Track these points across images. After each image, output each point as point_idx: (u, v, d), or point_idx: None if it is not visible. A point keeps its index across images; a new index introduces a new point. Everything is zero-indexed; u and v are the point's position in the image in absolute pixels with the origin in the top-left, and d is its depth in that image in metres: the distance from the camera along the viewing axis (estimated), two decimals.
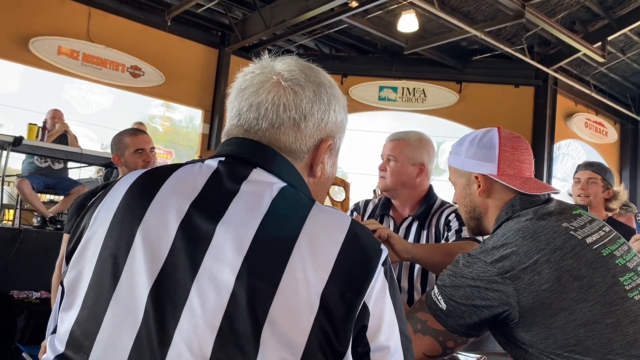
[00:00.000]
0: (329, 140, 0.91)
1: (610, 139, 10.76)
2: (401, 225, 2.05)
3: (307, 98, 0.87)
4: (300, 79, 0.88)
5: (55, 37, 7.09)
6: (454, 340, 1.21)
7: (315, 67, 0.93)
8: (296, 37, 8.82)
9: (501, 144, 1.34)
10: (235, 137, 0.88)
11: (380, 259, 0.78)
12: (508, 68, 8.98)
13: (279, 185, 0.82)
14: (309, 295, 0.71)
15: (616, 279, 1.15)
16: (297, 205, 0.80)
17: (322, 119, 0.89)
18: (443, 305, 1.20)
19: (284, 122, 0.86)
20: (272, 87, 0.86)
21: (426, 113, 9.35)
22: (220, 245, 0.74)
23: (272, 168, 0.84)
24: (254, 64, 0.91)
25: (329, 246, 0.75)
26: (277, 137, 0.86)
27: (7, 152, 4.53)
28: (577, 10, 7.69)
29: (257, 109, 0.86)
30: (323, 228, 0.77)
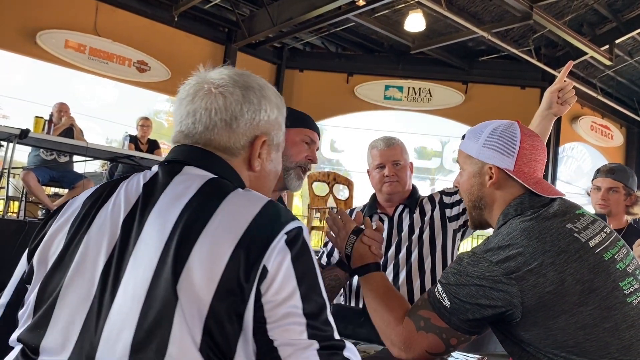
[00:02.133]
0: (263, 137, 1.01)
1: (616, 142, 10.73)
2: (394, 214, 2.17)
3: (236, 101, 0.98)
4: (228, 84, 0.99)
5: (62, 30, 7.12)
6: (457, 338, 1.21)
7: (246, 72, 1.03)
8: (303, 35, 8.82)
9: (522, 140, 1.32)
10: (176, 145, 1.01)
11: (285, 227, 0.87)
12: (514, 69, 8.96)
13: (209, 177, 0.94)
14: (218, 260, 0.81)
15: (616, 283, 1.16)
16: (221, 190, 0.91)
17: (253, 118, 0.99)
18: (447, 303, 1.20)
19: (217, 124, 0.97)
20: (205, 94, 0.98)
21: (432, 113, 9.34)
22: (149, 230, 0.87)
23: (204, 165, 0.96)
24: (192, 76, 1.03)
25: (242, 217, 0.86)
26: (212, 138, 0.98)
27: (14, 144, 4.55)
28: (585, 13, 7.66)
29: (193, 115, 0.98)
30: (239, 204, 0.89)
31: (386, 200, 2.19)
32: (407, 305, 1.32)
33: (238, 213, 0.87)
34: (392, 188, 2.12)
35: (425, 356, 1.23)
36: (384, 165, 2.13)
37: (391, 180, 2.11)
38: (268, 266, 0.83)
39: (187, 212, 0.87)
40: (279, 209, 0.91)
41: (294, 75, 9.51)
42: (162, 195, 0.91)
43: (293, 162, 1.67)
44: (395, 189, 2.12)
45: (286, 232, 0.86)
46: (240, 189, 0.93)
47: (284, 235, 0.86)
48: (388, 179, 2.12)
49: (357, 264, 1.47)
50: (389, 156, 2.12)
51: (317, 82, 9.45)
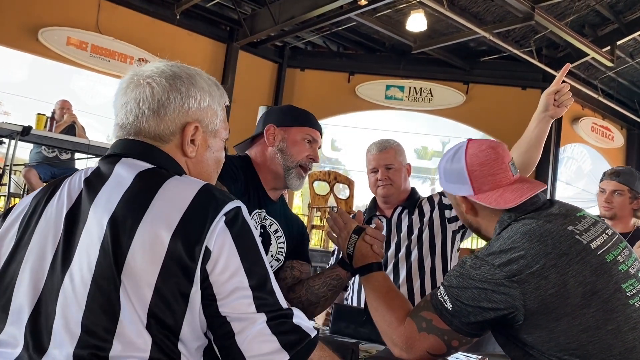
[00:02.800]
0: (194, 123, 1.05)
1: (617, 143, 10.72)
2: (393, 215, 2.20)
3: (162, 90, 1.02)
4: (156, 75, 1.03)
5: (64, 27, 7.12)
6: (458, 340, 1.22)
7: (178, 64, 1.08)
8: (304, 34, 8.82)
9: (467, 164, 1.32)
10: (115, 141, 1.06)
11: (223, 207, 0.92)
12: (516, 70, 8.95)
13: (146, 167, 0.98)
14: (158, 245, 0.87)
15: (619, 285, 1.16)
16: (158, 177, 0.96)
17: (181, 105, 1.03)
18: (449, 305, 1.21)
19: (144, 112, 1.02)
20: (135, 86, 1.03)
21: (432, 113, 9.34)
22: (92, 222, 0.92)
23: (140, 155, 1.01)
24: (129, 71, 1.08)
25: (179, 202, 0.91)
26: (142, 127, 1.02)
27: (16, 141, 4.56)
28: (586, 14, 7.66)
29: (125, 106, 1.03)
30: (176, 190, 0.94)
31: (383, 203, 2.24)
32: (409, 306, 1.33)
33: (175, 198, 0.92)
34: (385, 191, 2.18)
35: (426, 357, 1.24)
36: (376, 170, 2.19)
37: (384, 184, 2.17)
38: (210, 247, 0.89)
39: (125, 201, 0.92)
40: (215, 191, 0.95)
41: (295, 74, 9.51)
42: (102, 187, 0.95)
43: (294, 162, 1.67)
44: (389, 191, 2.18)
45: (224, 213, 0.92)
46: (177, 175, 0.98)
47: (223, 216, 0.91)
48: (381, 183, 2.17)
49: (359, 263, 1.48)
50: (381, 160, 2.18)
51: (319, 81, 9.45)
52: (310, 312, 1.61)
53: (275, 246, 1.70)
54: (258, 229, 1.66)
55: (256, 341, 0.89)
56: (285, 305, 0.94)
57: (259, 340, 0.89)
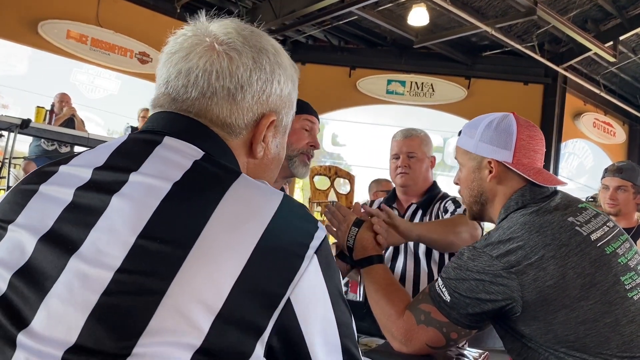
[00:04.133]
0: (272, 116, 0.79)
1: (618, 139, 10.70)
2: (405, 213, 2.15)
3: (244, 65, 0.76)
4: (237, 42, 0.76)
5: (64, 20, 7.08)
6: (457, 332, 1.21)
7: (258, 30, 0.82)
8: (305, 28, 8.78)
9: (519, 132, 1.31)
10: (159, 111, 0.77)
11: (311, 244, 0.66)
12: (518, 65, 8.92)
13: (201, 154, 0.71)
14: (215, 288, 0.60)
15: (617, 277, 1.16)
16: (216, 177, 0.68)
17: (263, 90, 0.77)
18: (447, 297, 1.20)
19: (217, 91, 0.75)
20: (205, 51, 0.76)
21: (434, 108, 9.31)
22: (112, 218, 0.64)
23: (193, 139, 0.73)
24: (189, 25, 0.80)
25: (250, 227, 0.64)
26: (208, 108, 0.75)
27: (15, 134, 4.55)
28: (589, 9, 7.62)
29: (186, 75, 0.75)
30: (244, 205, 0.66)
31: (402, 193, 2.19)
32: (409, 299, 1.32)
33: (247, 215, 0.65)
34: (403, 180, 2.11)
35: (425, 350, 1.23)
36: (398, 156, 2.13)
37: (403, 172, 2.11)
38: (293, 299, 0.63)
39: (170, 205, 0.64)
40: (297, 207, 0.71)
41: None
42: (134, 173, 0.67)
43: (295, 150, 1.66)
44: (407, 181, 2.11)
45: (316, 249, 0.67)
46: (243, 174, 0.71)
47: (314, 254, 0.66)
48: (400, 170, 2.11)
49: (359, 255, 1.46)
50: (404, 146, 2.12)
51: (320, 75, 9.42)
52: None
53: None
54: None
55: None
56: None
57: None
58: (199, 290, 0.59)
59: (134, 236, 0.61)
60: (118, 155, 0.72)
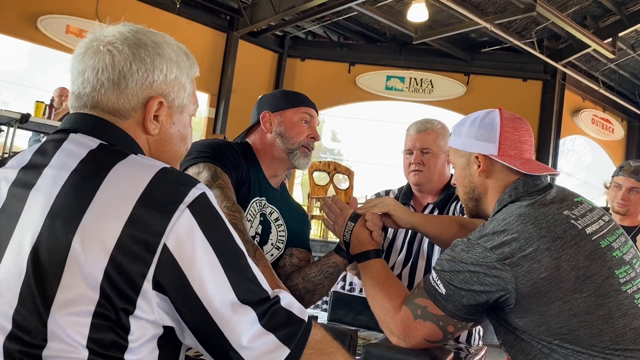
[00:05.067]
0: (159, 98, 0.94)
1: (617, 136, 10.71)
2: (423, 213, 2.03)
3: (124, 59, 0.91)
4: (117, 42, 0.92)
5: (63, 15, 7.08)
6: (454, 325, 1.22)
7: (143, 29, 0.97)
8: (305, 24, 8.78)
9: (502, 125, 1.33)
10: (70, 113, 0.96)
11: (184, 198, 0.82)
12: (517, 61, 8.92)
13: (94, 146, 0.88)
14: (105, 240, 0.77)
15: (612, 271, 1.17)
16: (107, 160, 0.85)
17: (145, 77, 0.93)
18: (442, 290, 1.21)
19: (103, 84, 0.91)
20: (94, 53, 0.92)
21: (433, 104, 9.31)
22: (30, 210, 0.82)
23: (92, 131, 0.91)
24: (90, 33, 0.96)
25: (130, 192, 0.81)
26: (99, 99, 0.92)
27: (14, 128, 4.55)
28: (588, 5, 7.62)
29: (82, 74, 0.92)
30: (127, 176, 0.83)
31: (417, 191, 2.05)
32: (406, 293, 1.32)
33: (127, 184, 0.82)
34: (416, 179, 1.96)
35: (424, 344, 1.24)
36: (412, 152, 1.97)
37: (416, 169, 1.95)
38: (170, 245, 0.79)
39: (68, 190, 0.82)
40: (174, 174, 0.86)
41: (296, 64, 9.47)
42: (44, 170, 0.85)
43: (295, 143, 1.65)
44: (420, 179, 1.96)
45: (189, 204, 0.82)
46: (133, 154, 0.88)
47: (186, 208, 0.81)
48: (413, 167, 1.95)
49: (356, 250, 1.46)
50: (419, 141, 1.96)
51: (319, 71, 9.42)
52: (307, 300, 1.60)
53: (276, 234, 1.68)
54: (258, 217, 1.65)
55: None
56: (270, 290, 0.89)
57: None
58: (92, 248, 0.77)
59: (43, 217, 0.80)
60: (37, 154, 0.90)
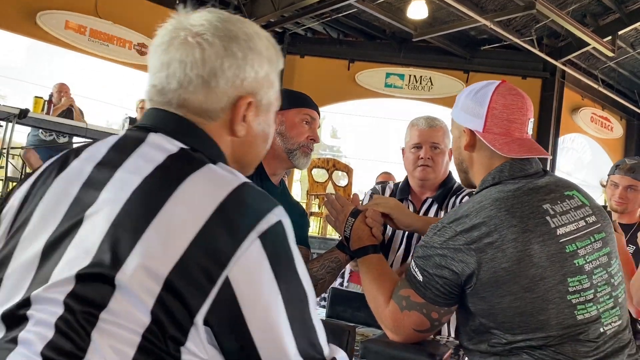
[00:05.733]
0: (249, 98, 0.86)
1: (616, 134, 10.72)
2: (421, 208, 2.04)
3: (216, 54, 0.82)
4: (208, 33, 0.83)
5: (62, 11, 7.05)
6: (437, 312, 1.22)
7: (233, 18, 0.87)
8: (304, 20, 8.76)
9: (492, 100, 1.28)
10: (149, 109, 0.88)
11: (256, 226, 0.72)
12: (516, 59, 8.92)
13: (175, 149, 0.80)
14: (163, 258, 0.69)
15: (565, 278, 1.15)
16: (184, 167, 0.77)
17: (236, 75, 0.84)
18: (420, 277, 1.21)
19: (192, 80, 0.82)
20: (180, 44, 0.83)
21: (432, 102, 9.31)
22: (98, 209, 0.74)
23: (174, 132, 0.82)
24: (172, 18, 0.87)
25: (201, 209, 0.71)
26: (186, 97, 0.83)
27: (13, 124, 4.54)
28: (588, 3, 7.62)
29: (167, 67, 0.83)
30: (201, 190, 0.74)
31: (419, 186, 2.03)
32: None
33: (195, 201, 0.73)
34: (424, 174, 1.94)
35: (414, 335, 1.24)
36: (421, 146, 1.94)
37: (425, 164, 1.93)
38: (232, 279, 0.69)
39: (137, 196, 0.73)
40: (251, 195, 0.76)
41: (295, 61, 9.46)
42: (118, 171, 0.78)
43: (295, 144, 1.66)
44: (427, 175, 1.94)
45: (261, 234, 0.72)
46: (211, 164, 0.79)
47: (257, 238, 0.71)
48: (422, 162, 1.93)
49: (355, 246, 1.48)
50: (430, 137, 1.94)
51: (318, 68, 9.40)
52: None
53: None
54: None
55: None
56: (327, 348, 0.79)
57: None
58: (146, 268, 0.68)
59: (108, 224, 0.72)
60: (113, 151, 0.82)
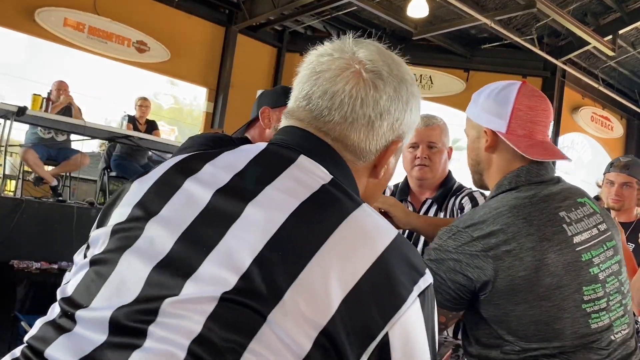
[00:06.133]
0: (399, 142, 0.83)
1: (616, 133, 10.71)
2: (420, 209, 2.02)
3: (387, 95, 0.79)
4: (383, 72, 0.80)
5: (61, 8, 7.03)
6: (444, 315, 1.20)
7: (398, 58, 0.85)
8: (304, 18, 8.74)
9: (517, 101, 1.25)
10: (296, 127, 0.81)
11: (416, 285, 0.68)
12: (516, 58, 8.90)
13: (329, 179, 0.74)
14: (323, 304, 0.63)
15: (580, 286, 1.14)
16: (344, 201, 0.72)
17: (397, 118, 0.81)
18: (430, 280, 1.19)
19: (358, 118, 0.78)
20: (352, 76, 0.78)
21: (432, 100, 9.29)
22: (246, 224, 0.68)
23: (322, 162, 0.76)
24: (330, 45, 0.83)
25: (361, 256, 0.67)
26: (346, 133, 0.78)
27: (11, 121, 4.52)
28: (589, 2, 7.60)
29: (331, 97, 0.78)
30: (361, 234, 0.69)
31: (417, 186, 2.01)
32: None
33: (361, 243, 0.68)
34: (421, 173, 1.92)
35: None
36: (417, 145, 1.93)
37: (422, 164, 1.91)
38: (391, 340, 0.65)
39: (297, 221, 0.67)
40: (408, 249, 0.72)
41: (295, 59, 9.42)
42: (268, 187, 0.71)
43: None
44: (425, 174, 1.92)
45: (420, 293, 0.68)
46: (365, 204, 0.74)
47: (417, 297, 0.68)
48: (419, 161, 1.92)
49: None
50: (426, 136, 1.92)
51: None
52: None
53: None
54: None
55: None
56: None
57: None
58: (304, 312, 0.62)
59: (262, 244, 0.65)
60: (256, 164, 0.76)
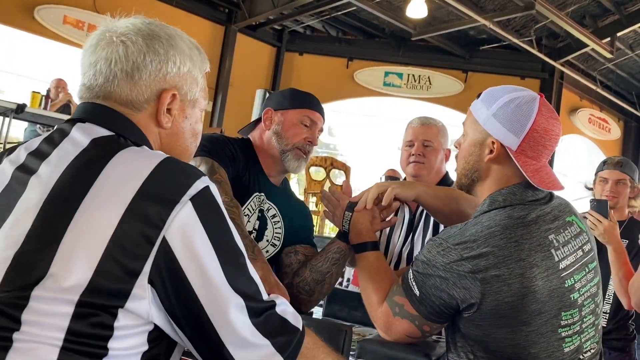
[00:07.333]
0: (172, 91, 0.94)
1: (613, 135, 10.74)
2: (416, 212, 2.03)
3: (138, 50, 0.91)
4: (131, 33, 0.92)
5: (61, 6, 7.03)
6: (429, 326, 1.21)
7: (156, 22, 0.97)
8: (303, 18, 8.75)
9: (535, 122, 1.19)
10: (80, 103, 0.96)
11: (187, 190, 0.80)
12: (515, 59, 8.92)
13: (101, 134, 0.88)
14: (102, 230, 0.76)
15: (560, 312, 1.14)
16: (111, 147, 0.85)
17: (158, 69, 0.92)
18: (417, 291, 1.19)
19: (117, 75, 0.90)
20: (106, 44, 0.91)
21: (431, 101, 9.31)
22: (29, 194, 0.82)
23: (102, 122, 0.90)
24: (100, 26, 0.96)
25: (131, 178, 0.80)
26: (112, 90, 0.91)
27: (10, 119, 4.53)
28: (587, 4, 7.62)
29: (94, 66, 0.92)
30: (131, 161, 0.83)
31: None
32: None
33: (129, 172, 0.81)
34: (415, 170, 1.96)
35: (405, 339, 1.25)
36: (413, 143, 1.99)
37: (416, 161, 1.96)
38: (170, 239, 0.77)
39: (67, 175, 0.81)
40: (179, 164, 0.85)
41: (294, 58, 9.45)
42: (48, 157, 0.85)
43: (289, 145, 1.64)
44: (419, 171, 1.96)
45: (192, 197, 0.80)
46: (135, 146, 0.88)
47: (189, 200, 0.80)
48: (413, 158, 1.96)
49: (354, 240, 1.45)
50: (421, 134, 1.98)
51: (317, 66, 9.40)
52: (317, 292, 1.58)
53: (272, 231, 1.68)
54: (256, 213, 1.65)
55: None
56: (267, 295, 0.88)
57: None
58: (86, 237, 0.76)
59: (41, 203, 0.79)
60: (45, 142, 0.90)
